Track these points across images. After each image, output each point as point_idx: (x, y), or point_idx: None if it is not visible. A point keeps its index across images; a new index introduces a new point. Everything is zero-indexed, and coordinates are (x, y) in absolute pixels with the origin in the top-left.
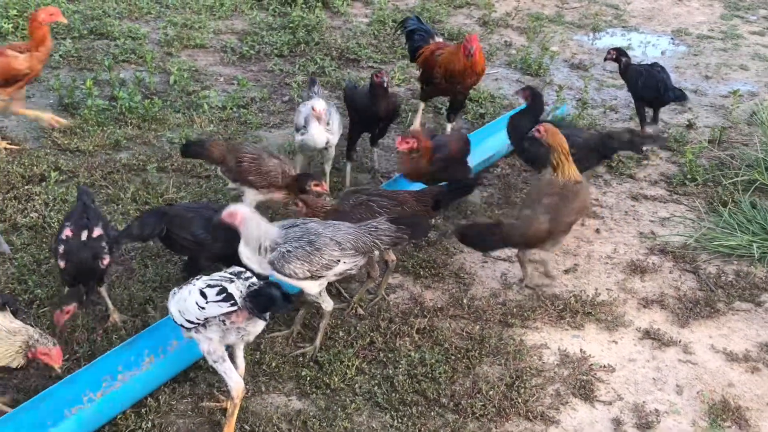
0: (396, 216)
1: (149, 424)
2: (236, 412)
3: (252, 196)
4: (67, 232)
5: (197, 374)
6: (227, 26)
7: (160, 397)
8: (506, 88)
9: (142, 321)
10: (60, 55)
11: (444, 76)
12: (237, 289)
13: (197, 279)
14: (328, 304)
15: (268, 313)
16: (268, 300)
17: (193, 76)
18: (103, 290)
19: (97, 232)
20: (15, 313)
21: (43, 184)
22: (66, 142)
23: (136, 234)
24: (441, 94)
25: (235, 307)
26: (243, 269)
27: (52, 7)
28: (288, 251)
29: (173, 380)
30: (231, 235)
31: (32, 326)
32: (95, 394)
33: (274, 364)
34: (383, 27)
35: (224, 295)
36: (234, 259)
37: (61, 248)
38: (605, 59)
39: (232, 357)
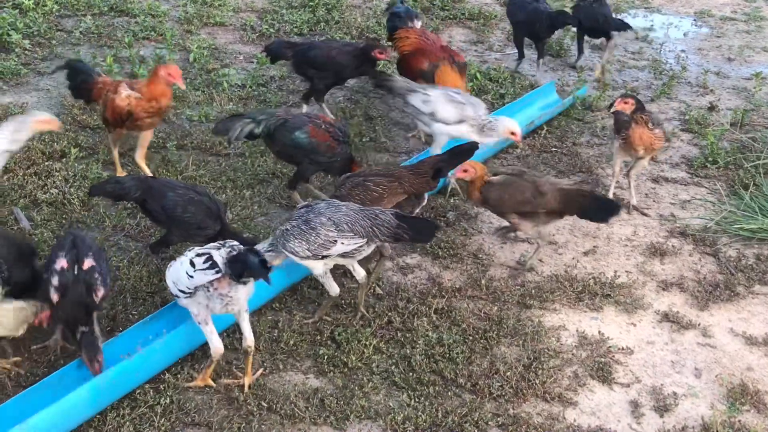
0: (403, 213)
1: (167, 400)
2: (212, 368)
3: None
4: (62, 263)
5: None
6: (247, 4)
7: (179, 373)
8: (527, 69)
9: (161, 298)
10: (80, 32)
11: None
12: (220, 256)
13: (189, 250)
14: (333, 289)
15: (244, 278)
16: (243, 264)
17: (213, 54)
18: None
19: (89, 263)
20: (6, 281)
21: (64, 160)
22: (86, 119)
23: (109, 191)
24: None
25: (219, 275)
26: (232, 242)
27: (174, 66)
28: (286, 230)
29: (191, 356)
30: (202, 216)
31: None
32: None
33: (292, 342)
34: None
35: (210, 262)
36: (208, 240)
37: (55, 280)
38: None
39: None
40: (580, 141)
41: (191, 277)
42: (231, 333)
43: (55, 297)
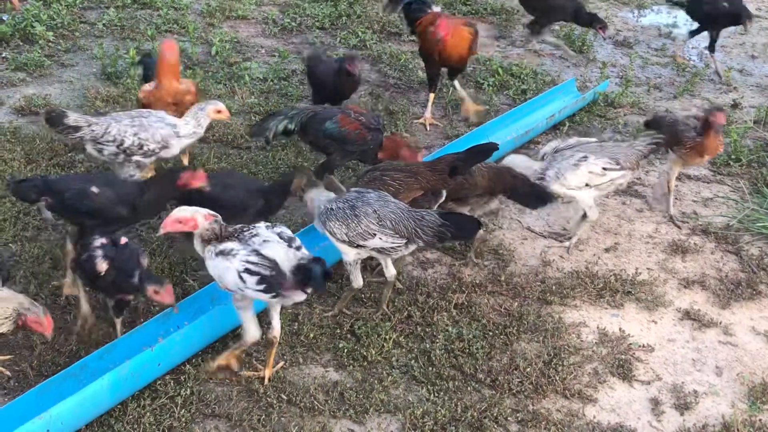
0: (446, 212)
1: (188, 391)
2: (240, 351)
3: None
4: (102, 240)
5: (235, 343)
6: None
7: (200, 364)
8: (549, 65)
9: (182, 290)
10: (104, 24)
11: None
12: (287, 259)
13: (232, 255)
14: (357, 281)
15: (308, 289)
16: (307, 276)
17: (235, 47)
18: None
19: (124, 240)
20: (6, 279)
21: (86, 152)
22: (109, 110)
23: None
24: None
25: (275, 299)
26: (293, 236)
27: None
28: (331, 209)
29: (211, 348)
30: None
31: (23, 295)
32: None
33: (312, 336)
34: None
35: (264, 285)
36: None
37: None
38: None
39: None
40: (602, 137)
41: (241, 290)
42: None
43: (103, 266)
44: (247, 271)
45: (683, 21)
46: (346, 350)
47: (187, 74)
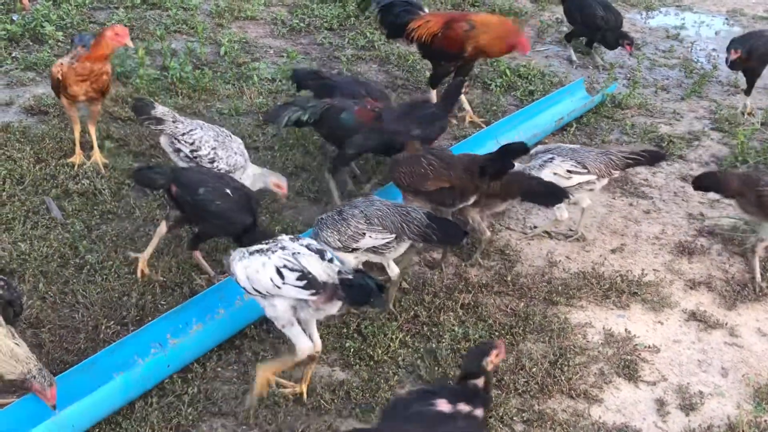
0: (434, 214)
1: (195, 390)
2: (293, 363)
3: None
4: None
5: (243, 342)
6: None
7: (207, 363)
8: (556, 65)
9: (190, 289)
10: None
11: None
12: (323, 271)
13: (271, 251)
14: None
15: (366, 306)
16: (365, 292)
17: (243, 47)
18: None
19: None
20: (18, 314)
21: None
22: (117, 111)
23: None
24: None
25: (316, 297)
26: (322, 246)
27: (121, 26)
28: (321, 218)
29: (219, 347)
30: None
31: (36, 359)
32: (143, 359)
33: (318, 335)
34: (434, 2)
35: (305, 282)
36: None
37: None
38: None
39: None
40: (610, 138)
41: (278, 287)
42: (258, 324)
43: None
44: (286, 267)
45: (691, 23)
46: (352, 349)
47: (196, 74)
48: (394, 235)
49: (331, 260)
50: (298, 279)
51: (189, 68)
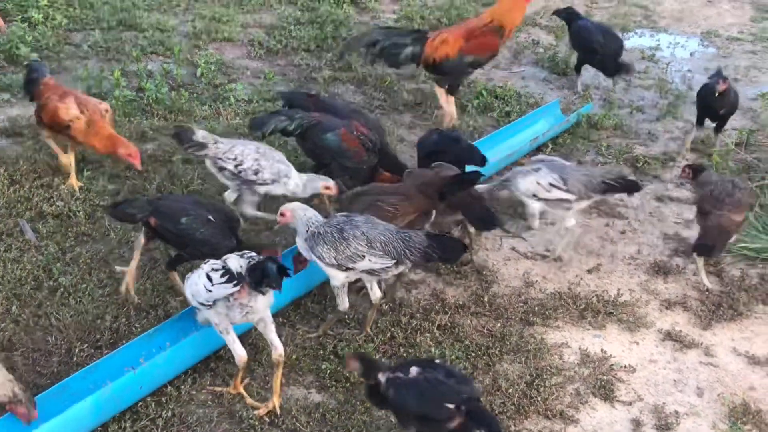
0: (433, 233)
1: (169, 413)
2: (240, 375)
3: None
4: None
5: (218, 365)
6: (255, 20)
7: (181, 386)
8: (532, 87)
9: (164, 311)
10: (89, 46)
11: None
12: (238, 265)
13: (205, 263)
14: (343, 304)
15: (264, 287)
16: (262, 272)
17: (220, 69)
18: None
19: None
20: None
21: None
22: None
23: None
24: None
25: (237, 288)
26: (249, 251)
27: (135, 148)
28: (319, 233)
29: (193, 370)
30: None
31: (18, 384)
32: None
33: (294, 357)
34: (411, 23)
35: (227, 276)
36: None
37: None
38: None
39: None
40: (585, 159)
41: (209, 291)
42: (250, 342)
43: None
44: (213, 269)
45: (666, 44)
46: (328, 371)
47: (173, 96)
48: (393, 261)
49: (251, 257)
50: (222, 276)
51: (165, 89)
